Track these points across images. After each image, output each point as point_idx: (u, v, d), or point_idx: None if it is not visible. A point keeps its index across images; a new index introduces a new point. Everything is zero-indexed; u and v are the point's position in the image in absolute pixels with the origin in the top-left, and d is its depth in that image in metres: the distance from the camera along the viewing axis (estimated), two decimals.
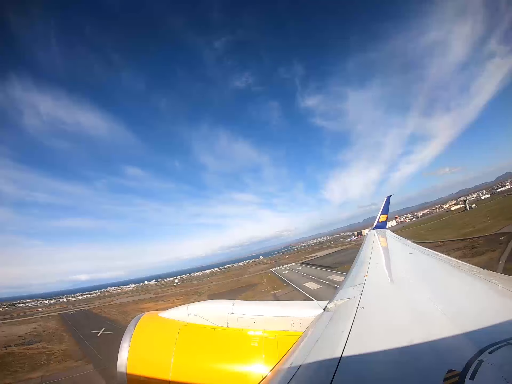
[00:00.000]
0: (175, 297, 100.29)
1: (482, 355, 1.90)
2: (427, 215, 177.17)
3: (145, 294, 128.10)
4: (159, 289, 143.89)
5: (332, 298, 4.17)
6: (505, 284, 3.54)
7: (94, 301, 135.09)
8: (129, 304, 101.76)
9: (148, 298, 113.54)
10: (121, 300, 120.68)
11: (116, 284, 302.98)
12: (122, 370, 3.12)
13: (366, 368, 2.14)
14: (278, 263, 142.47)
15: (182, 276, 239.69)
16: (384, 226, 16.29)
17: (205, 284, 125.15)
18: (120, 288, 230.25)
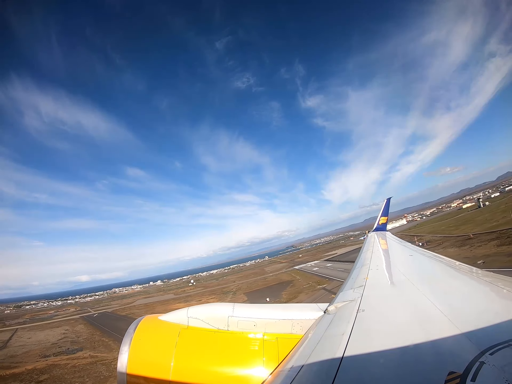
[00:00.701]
0: (204, 297, 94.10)
1: (483, 356, 1.87)
2: (436, 214, 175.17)
3: (165, 295, 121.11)
4: (178, 289, 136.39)
5: (332, 300, 4.08)
6: (506, 285, 3.43)
7: (110, 303, 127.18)
8: (156, 305, 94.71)
9: (171, 298, 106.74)
10: (141, 301, 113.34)
11: (119, 285, 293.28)
12: (122, 373, 3.04)
13: (367, 371, 2.11)
14: (296, 261, 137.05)
15: (189, 277, 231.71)
16: (384, 228, 15.73)
17: (227, 283, 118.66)
18: (127, 289, 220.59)
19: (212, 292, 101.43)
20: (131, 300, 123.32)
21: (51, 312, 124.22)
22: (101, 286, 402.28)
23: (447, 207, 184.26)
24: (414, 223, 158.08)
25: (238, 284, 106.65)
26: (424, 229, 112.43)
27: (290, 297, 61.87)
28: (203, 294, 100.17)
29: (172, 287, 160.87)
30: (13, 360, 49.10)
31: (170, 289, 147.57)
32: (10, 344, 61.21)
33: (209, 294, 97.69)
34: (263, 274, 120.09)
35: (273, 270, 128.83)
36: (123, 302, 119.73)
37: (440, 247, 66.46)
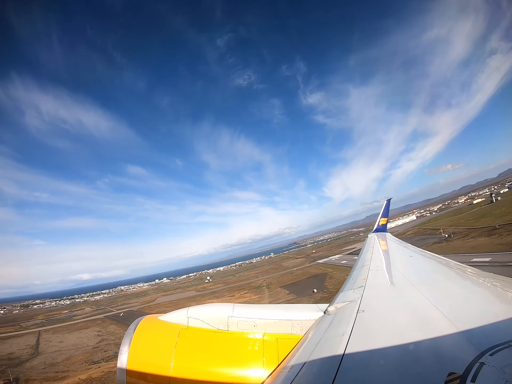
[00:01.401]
0: (234, 292, 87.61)
1: (483, 357, 1.85)
2: (444, 209, 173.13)
3: (185, 292, 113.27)
4: (196, 285, 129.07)
5: (332, 301, 4.05)
6: (506, 286, 3.38)
7: (127, 301, 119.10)
8: (183, 302, 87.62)
9: (196, 295, 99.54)
10: (162, 298, 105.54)
11: (121, 283, 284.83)
12: (121, 373, 3.01)
13: (367, 371, 2.09)
14: (314, 257, 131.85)
15: (195, 274, 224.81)
16: (384, 229, 15.07)
17: (250, 279, 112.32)
18: (134, 287, 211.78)
19: (240, 287, 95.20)
20: (150, 298, 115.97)
21: (64, 312, 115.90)
22: (103, 284, 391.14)
23: (455, 203, 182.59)
24: (426, 218, 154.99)
25: (264, 279, 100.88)
26: (441, 223, 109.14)
27: (337, 287, 57.32)
28: (231, 290, 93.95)
29: (185, 284, 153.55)
30: (57, 369, 42.19)
31: (185, 286, 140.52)
32: (42, 350, 53.74)
33: (237, 289, 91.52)
34: (285, 269, 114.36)
35: (294, 265, 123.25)
36: (142, 300, 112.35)
37: (469, 237, 66.15)
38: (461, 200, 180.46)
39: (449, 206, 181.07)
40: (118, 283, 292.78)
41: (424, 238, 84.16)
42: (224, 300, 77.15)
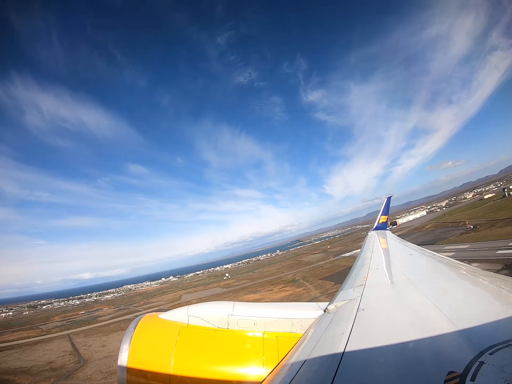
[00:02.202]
0: (267, 287, 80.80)
1: (482, 356, 1.82)
2: (453, 205, 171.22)
3: (210, 289, 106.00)
4: (215, 282, 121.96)
5: (332, 299, 3.99)
6: (505, 285, 3.33)
7: (150, 300, 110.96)
8: (215, 299, 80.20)
9: (223, 292, 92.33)
10: (188, 296, 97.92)
11: (123, 282, 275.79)
12: (122, 372, 2.98)
13: (366, 370, 2.07)
14: (333, 252, 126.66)
15: (202, 272, 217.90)
16: (384, 227, 14.70)
17: (276, 273, 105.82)
18: (142, 285, 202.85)
19: (270, 282, 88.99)
20: (173, 296, 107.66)
21: (81, 312, 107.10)
22: (105, 283, 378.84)
23: (463, 199, 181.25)
24: (436, 214, 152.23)
25: (293, 273, 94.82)
26: (457, 217, 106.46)
27: None
28: (262, 285, 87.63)
29: (200, 282, 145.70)
30: None
31: (203, 283, 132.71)
32: (87, 357, 46.22)
33: (270, 284, 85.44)
34: (310, 264, 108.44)
35: (317, 259, 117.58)
36: (166, 299, 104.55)
37: (495, 227, 65.69)
38: (468, 196, 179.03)
39: (457, 201, 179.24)
40: (120, 282, 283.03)
41: (449, 230, 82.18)
42: (264, 295, 70.78)
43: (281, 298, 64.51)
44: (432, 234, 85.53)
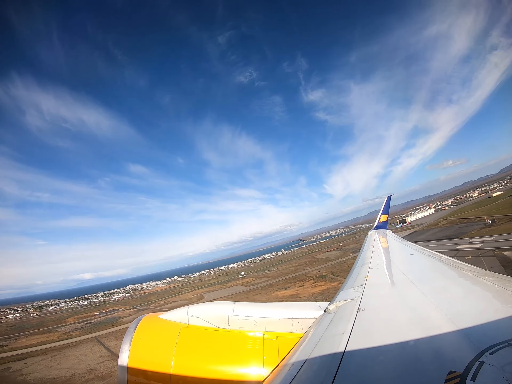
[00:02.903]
0: (296, 283, 76.76)
1: (483, 356, 1.80)
2: (461, 203, 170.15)
3: (230, 288, 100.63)
4: (237, 280, 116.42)
5: (332, 299, 3.93)
6: (506, 285, 3.29)
7: (169, 299, 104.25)
8: (242, 297, 75.38)
9: (247, 290, 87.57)
10: (211, 295, 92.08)
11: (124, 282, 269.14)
12: (123, 372, 2.95)
13: (367, 369, 2.04)
14: (348, 249, 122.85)
15: (208, 271, 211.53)
16: (384, 226, 14.33)
17: (298, 271, 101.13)
18: (147, 285, 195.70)
19: (297, 278, 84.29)
20: (192, 295, 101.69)
21: (96, 313, 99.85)
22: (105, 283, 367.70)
23: (468, 197, 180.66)
24: (445, 212, 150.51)
25: (317, 270, 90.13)
26: (471, 213, 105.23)
27: None
28: (289, 282, 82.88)
29: (214, 280, 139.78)
30: None
31: (219, 282, 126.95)
32: None
33: (296, 281, 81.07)
34: (330, 261, 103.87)
35: (335, 256, 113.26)
36: (187, 297, 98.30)
37: None
38: (474, 195, 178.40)
39: (463, 200, 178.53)
40: (122, 282, 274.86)
41: (467, 225, 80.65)
42: (299, 291, 66.71)
43: (318, 292, 60.83)
44: (451, 229, 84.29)
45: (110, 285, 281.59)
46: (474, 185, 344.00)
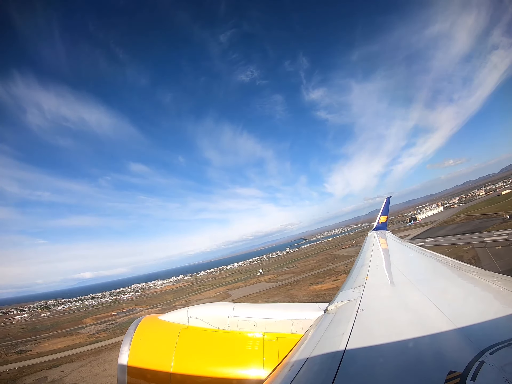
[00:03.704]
0: (326, 278, 72.72)
1: (483, 356, 1.77)
2: (468, 201, 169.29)
3: (253, 285, 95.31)
4: (258, 277, 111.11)
5: (332, 300, 3.88)
6: (506, 285, 3.24)
7: (192, 297, 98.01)
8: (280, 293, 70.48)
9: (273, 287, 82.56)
10: (238, 292, 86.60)
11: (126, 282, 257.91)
12: (122, 374, 2.90)
13: (367, 370, 2.02)
14: None
15: (215, 269, 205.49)
16: (384, 227, 13.98)
17: (322, 267, 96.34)
18: (155, 284, 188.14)
19: (324, 274, 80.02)
20: (215, 293, 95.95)
21: (114, 314, 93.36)
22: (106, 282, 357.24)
23: (476, 196, 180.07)
24: (455, 209, 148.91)
25: (342, 265, 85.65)
26: (485, 210, 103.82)
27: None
28: (318, 277, 78.60)
29: (229, 279, 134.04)
30: None
31: (238, 280, 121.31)
32: None
33: (325, 276, 76.38)
34: (351, 257, 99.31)
35: (355, 252, 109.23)
36: (211, 296, 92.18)
37: None
38: (481, 193, 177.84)
39: (471, 198, 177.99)
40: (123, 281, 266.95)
41: (485, 221, 79.36)
42: (335, 284, 62.44)
43: None
44: (470, 225, 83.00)
45: (111, 284, 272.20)
46: (475, 184, 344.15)
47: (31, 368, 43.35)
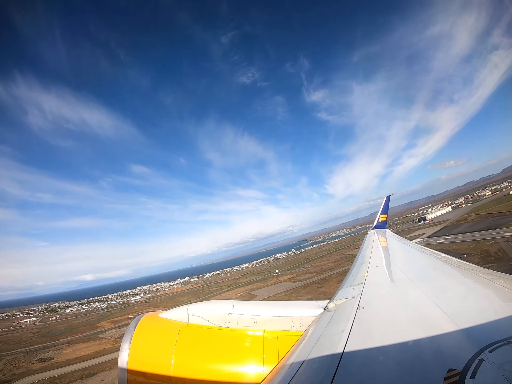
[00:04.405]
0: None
1: (482, 354, 1.75)
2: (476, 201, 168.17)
3: (276, 285, 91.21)
4: (277, 277, 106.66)
5: (332, 298, 3.85)
6: (505, 283, 3.20)
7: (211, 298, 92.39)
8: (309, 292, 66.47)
9: (305, 285, 78.35)
10: (260, 293, 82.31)
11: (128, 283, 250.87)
12: (123, 371, 2.87)
13: (366, 368, 1.99)
14: None
15: (220, 271, 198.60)
16: (384, 226, 13.79)
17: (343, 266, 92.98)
18: (161, 286, 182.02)
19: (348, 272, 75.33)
20: (236, 294, 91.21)
21: (130, 316, 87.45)
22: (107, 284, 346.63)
23: (482, 196, 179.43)
24: (464, 209, 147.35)
25: None
26: (496, 208, 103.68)
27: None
28: (344, 275, 73.43)
29: (244, 280, 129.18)
30: None
31: (255, 281, 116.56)
32: None
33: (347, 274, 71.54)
34: None
35: None
36: (233, 297, 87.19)
37: None
38: (487, 193, 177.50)
39: (477, 198, 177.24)
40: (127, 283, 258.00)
41: (500, 218, 78.58)
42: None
43: None
44: (485, 222, 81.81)
45: (113, 286, 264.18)
46: (477, 184, 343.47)
47: (64, 378, 38.85)
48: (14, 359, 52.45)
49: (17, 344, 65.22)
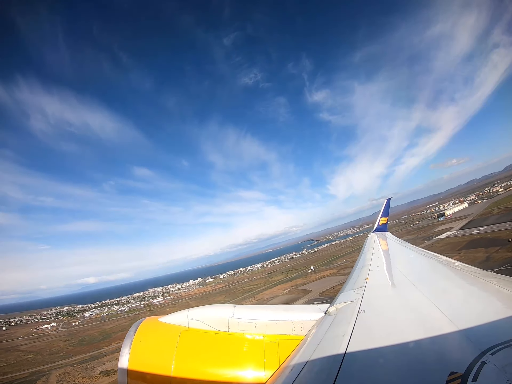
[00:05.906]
0: None
1: (484, 356, 1.72)
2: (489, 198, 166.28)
3: (321, 280, 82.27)
4: (315, 274, 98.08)
5: (333, 301, 3.74)
6: (506, 285, 3.11)
7: (256, 298, 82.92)
8: None
9: None
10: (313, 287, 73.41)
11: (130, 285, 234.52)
12: (123, 376, 2.83)
13: (368, 371, 1.94)
14: (412, 238, 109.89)
15: (234, 272, 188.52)
16: (384, 228, 13.39)
17: None
18: (177, 287, 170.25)
19: None
20: (278, 291, 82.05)
21: None
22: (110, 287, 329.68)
23: (495, 192, 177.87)
24: (481, 205, 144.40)
25: None
26: None
27: None
28: None
29: (284, 276, 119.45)
30: None
31: (291, 278, 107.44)
32: None
33: None
34: None
35: None
36: (286, 299, 78.12)
37: None
38: (500, 189, 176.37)
39: (490, 195, 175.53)
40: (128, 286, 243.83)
41: None
42: None
43: None
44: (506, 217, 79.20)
45: (116, 289, 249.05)
46: (479, 183, 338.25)
47: None
48: (64, 373, 42.76)
49: (54, 355, 54.63)
